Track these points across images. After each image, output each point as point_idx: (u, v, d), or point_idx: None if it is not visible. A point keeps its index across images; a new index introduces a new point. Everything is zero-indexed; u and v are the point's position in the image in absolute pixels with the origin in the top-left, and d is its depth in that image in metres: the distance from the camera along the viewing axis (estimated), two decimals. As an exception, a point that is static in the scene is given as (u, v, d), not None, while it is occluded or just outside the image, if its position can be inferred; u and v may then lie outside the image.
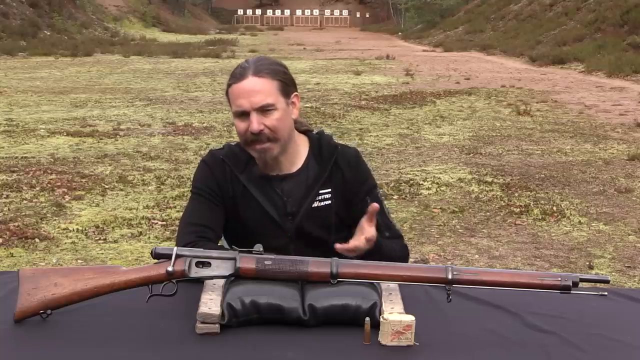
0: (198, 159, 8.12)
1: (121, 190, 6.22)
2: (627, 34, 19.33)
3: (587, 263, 4.58)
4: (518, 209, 5.77)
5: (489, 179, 6.79)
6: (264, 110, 1.90)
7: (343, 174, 2.01)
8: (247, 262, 1.66)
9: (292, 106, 1.98)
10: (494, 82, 15.51)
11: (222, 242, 2.10)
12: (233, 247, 1.74)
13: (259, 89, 1.90)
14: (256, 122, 1.89)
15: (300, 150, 2.02)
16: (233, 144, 2.06)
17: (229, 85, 1.95)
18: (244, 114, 1.91)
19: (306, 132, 2.06)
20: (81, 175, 6.67)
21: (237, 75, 1.93)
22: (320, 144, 2.03)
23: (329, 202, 2.00)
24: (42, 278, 1.68)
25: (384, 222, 1.98)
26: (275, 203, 1.99)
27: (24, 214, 5.45)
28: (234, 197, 2.00)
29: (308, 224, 1.98)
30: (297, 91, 2.01)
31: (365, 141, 8.68)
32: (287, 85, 1.96)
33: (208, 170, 2.02)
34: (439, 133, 9.39)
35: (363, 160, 2.07)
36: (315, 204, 1.99)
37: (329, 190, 2.00)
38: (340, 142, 2.10)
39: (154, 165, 7.22)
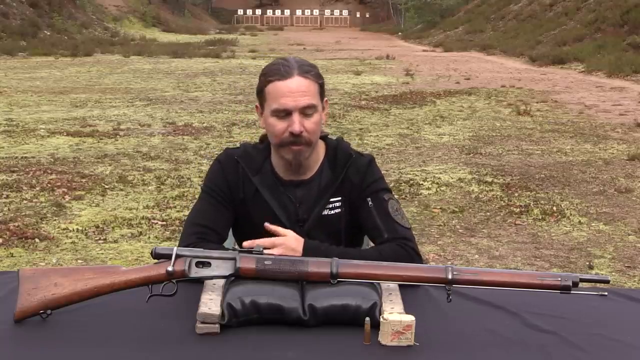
0: (198, 159, 8.15)
1: (121, 190, 6.22)
2: (627, 34, 19.34)
3: (587, 263, 4.58)
4: (518, 209, 5.77)
5: (489, 179, 6.79)
6: (306, 112, 1.88)
7: (352, 182, 1.99)
8: (247, 262, 1.65)
9: (324, 111, 1.97)
10: (494, 82, 15.51)
11: (230, 240, 2.10)
12: (234, 247, 1.74)
13: (305, 89, 1.88)
14: (298, 123, 1.86)
15: (318, 156, 2.01)
16: (250, 144, 2.04)
17: (269, 81, 1.89)
18: (284, 113, 1.88)
19: (323, 138, 2.04)
20: (81, 175, 6.67)
21: (281, 73, 1.88)
22: (336, 152, 2.02)
23: (339, 210, 1.99)
24: (42, 278, 1.68)
25: (386, 225, 1.94)
26: (287, 209, 1.98)
27: (24, 214, 5.45)
28: (244, 198, 1.99)
29: (317, 231, 1.97)
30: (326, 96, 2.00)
31: (365, 141, 8.68)
32: (323, 90, 1.96)
33: (220, 170, 2.01)
34: (439, 133, 9.39)
35: (375, 166, 2.03)
36: (325, 212, 1.98)
37: (340, 198, 1.99)
38: (359, 149, 2.08)
39: (154, 165, 7.22)
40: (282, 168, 1.98)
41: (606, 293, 1.71)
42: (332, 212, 1.99)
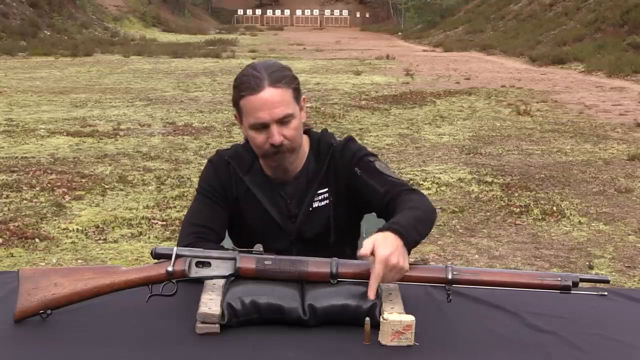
0: (198, 159, 8.15)
1: (121, 190, 6.22)
2: (627, 34, 19.33)
3: (587, 263, 4.58)
4: (518, 209, 5.77)
5: (489, 179, 6.79)
6: (284, 121, 1.86)
7: (335, 167, 1.99)
8: (247, 262, 1.65)
9: (302, 110, 1.96)
10: (494, 82, 15.51)
11: (227, 241, 2.10)
12: (234, 247, 1.74)
13: (278, 100, 1.84)
14: (277, 135, 1.85)
15: (303, 150, 2.01)
16: (240, 144, 2.05)
17: (241, 96, 1.87)
18: (262, 126, 1.87)
19: (307, 132, 2.05)
20: (81, 175, 6.68)
21: (252, 86, 1.84)
22: (319, 144, 2.02)
23: (327, 201, 1.99)
24: (42, 278, 1.67)
25: (381, 183, 1.91)
26: (279, 205, 1.98)
27: (24, 214, 5.45)
28: (237, 198, 2.00)
29: (309, 225, 1.97)
30: (304, 95, 1.99)
31: (365, 141, 8.68)
32: (298, 91, 1.93)
33: (213, 170, 2.02)
34: (439, 133, 9.39)
35: (353, 142, 2.02)
36: (315, 204, 1.98)
37: (327, 189, 1.99)
38: (339, 138, 2.07)
39: (154, 165, 7.22)
40: (269, 168, 1.99)
41: (606, 293, 1.72)
42: (322, 203, 1.99)
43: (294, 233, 1.98)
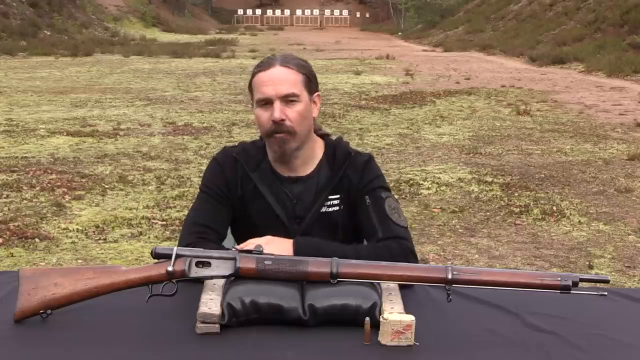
0: (198, 159, 8.14)
1: (121, 190, 6.22)
2: (627, 34, 19.34)
3: (587, 263, 4.58)
4: (518, 209, 5.77)
5: (489, 179, 6.79)
6: (288, 100, 1.91)
7: (350, 179, 2.00)
8: (247, 262, 1.65)
9: (314, 105, 1.99)
10: (494, 82, 15.51)
11: (228, 240, 2.10)
12: (234, 246, 1.74)
13: (285, 78, 1.91)
14: (279, 110, 1.89)
15: (316, 154, 2.02)
16: (247, 142, 2.06)
17: (254, 74, 1.96)
18: (267, 102, 1.91)
19: (323, 137, 2.06)
20: (81, 175, 6.68)
21: (264, 65, 1.95)
22: (334, 150, 2.03)
23: (337, 208, 2.00)
24: (42, 278, 1.68)
25: (381, 224, 1.93)
26: (285, 205, 1.99)
27: (24, 214, 5.45)
28: (243, 195, 2.00)
29: (315, 229, 1.97)
30: (319, 91, 2.02)
31: (365, 141, 8.68)
32: (311, 82, 1.97)
33: (218, 168, 2.02)
34: (439, 133, 9.39)
35: (374, 164, 2.04)
36: (324, 209, 1.99)
37: (338, 196, 2.00)
38: (358, 149, 2.09)
39: (154, 165, 7.22)
40: (277, 163, 2.00)
41: (606, 293, 1.71)
42: (331, 209, 1.99)
43: (299, 234, 1.97)
